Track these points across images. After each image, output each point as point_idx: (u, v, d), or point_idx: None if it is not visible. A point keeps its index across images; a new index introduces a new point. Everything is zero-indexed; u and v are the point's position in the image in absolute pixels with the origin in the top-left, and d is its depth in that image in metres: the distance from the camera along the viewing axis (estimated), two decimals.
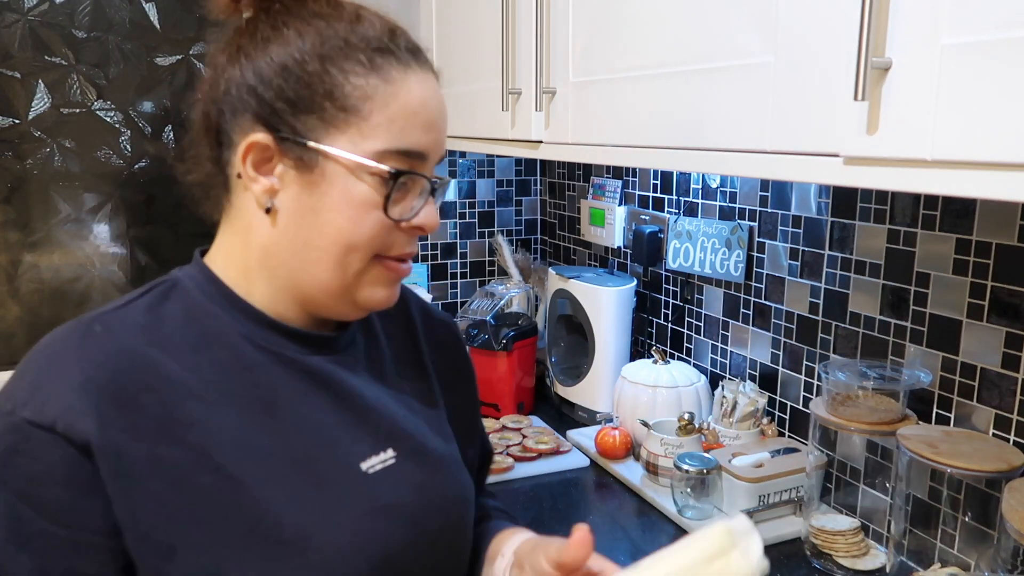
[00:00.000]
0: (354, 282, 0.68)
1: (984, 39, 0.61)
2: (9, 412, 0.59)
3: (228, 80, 0.67)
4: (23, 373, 0.62)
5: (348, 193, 0.65)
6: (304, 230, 0.66)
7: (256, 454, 0.64)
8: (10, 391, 0.61)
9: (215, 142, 0.70)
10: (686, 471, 1.23)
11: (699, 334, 1.60)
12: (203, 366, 0.65)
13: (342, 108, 0.65)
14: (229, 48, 0.69)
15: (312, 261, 0.66)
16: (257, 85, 0.65)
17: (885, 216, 1.16)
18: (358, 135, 0.65)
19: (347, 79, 0.65)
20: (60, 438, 0.58)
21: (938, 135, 0.64)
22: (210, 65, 0.70)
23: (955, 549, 1.07)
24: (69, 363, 0.61)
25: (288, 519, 0.63)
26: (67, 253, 1.88)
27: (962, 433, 1.03)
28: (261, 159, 0.66)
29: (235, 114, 0.67)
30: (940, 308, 1.09)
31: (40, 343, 0.64)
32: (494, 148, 1.46)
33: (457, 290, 2.15)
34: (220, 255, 0.72)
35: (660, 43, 1.01)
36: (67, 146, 1.83)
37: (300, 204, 0.66)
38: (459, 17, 1.59)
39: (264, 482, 0.63)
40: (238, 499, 0.62)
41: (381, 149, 0.65)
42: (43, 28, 1.77)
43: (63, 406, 0.58)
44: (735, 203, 1.46)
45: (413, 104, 0.67)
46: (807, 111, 0.79)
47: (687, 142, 0.98)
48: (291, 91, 0.65)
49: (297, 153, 0.65)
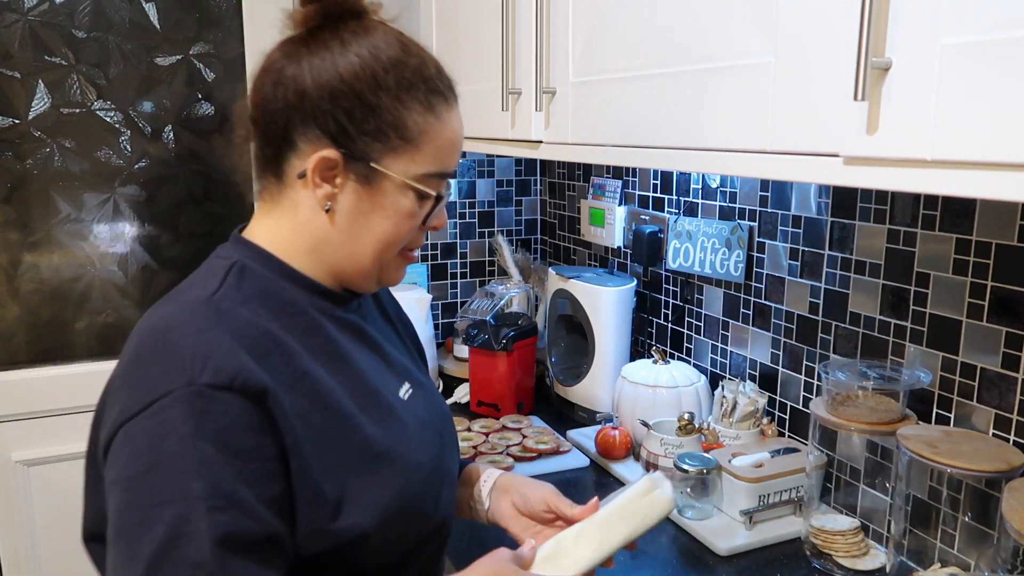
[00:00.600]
0: (382, 268, 0.84)
1: (984, 39, 0.61)
2: (188, 383, 0.68)
3: (297, 92, 0.77)
4: (174, 351, 0.70)
5: (396, 205, 0.80)
6: (356, 230, 0.81)
7: (343, 394, 0.79)
8: (173, 368, 0.69)
9: (275, 141, 0.80)
10: (686, 471, 1.23)
11: (699, 334, 1.60)
12: (290, 329, 0.78)
13: (402, 138, 0.78)
14: (294, 60, 0.78)
15: (358, 253, 0.82)
16: (330, 106, 0.77)
17: (885, 216, 1.16)
18: (411, 161, 0.79)
19: (409, 115, 0.78)
20: (237, 394, 0.69)
21: (938, 135, 0.65)
22: (271, 70, 0.80)
23: (955, 549, 1.07)
24: (221, 335, 0.72)
25: (377, 440, 0.80)
26: (67, 253, 1.88)
27: (962, 433, 1.03)
28: (327, 170, 0.78)
29: (304, 124, 0.77)
30: (940, 308, 1.09)
31: (158, 327, 0.73)
32: (494, 148, 1.46)
33: (457, 290, 2.15)
34: (265, 235, 0.83)
35: (660, 43, 1.01)
36: (67, 146, 1.83)
37: (355, 209, 0.80)
38: (459, 17, 1.59)
39: (356, 415, 0.79)
40: (345, 430, 0.78)
41: (426, 172, 0.80)
42: (43, 28, 1.77)
43: (234, 368, 0.70)
44: (735, 203, 1.46)
45: (452, 137, 0.82)
46: (807, 111, 0.79)
47: (687, 142, 0.97)
48: (361, 116, 0.77)
49: (360, 170, 0.79)
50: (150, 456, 0.68)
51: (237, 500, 0.68)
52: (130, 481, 0.68)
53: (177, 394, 0.68)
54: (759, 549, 1.18)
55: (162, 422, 0.68)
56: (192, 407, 0.68)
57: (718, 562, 1.15)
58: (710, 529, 1.21)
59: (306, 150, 0.78)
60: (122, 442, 0.69)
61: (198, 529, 0.66)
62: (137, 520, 0.67)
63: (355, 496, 0.76)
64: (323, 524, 0.74)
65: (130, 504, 0.68)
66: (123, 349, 0.76)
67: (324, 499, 0.74)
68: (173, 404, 0.68)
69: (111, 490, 0.70)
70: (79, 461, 2.14)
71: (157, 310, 0.77)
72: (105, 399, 0.76)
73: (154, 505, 0.67)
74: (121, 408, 0.70)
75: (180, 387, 0.68)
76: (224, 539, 0.66)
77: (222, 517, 0.67)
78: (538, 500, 0.95)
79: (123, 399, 0.71)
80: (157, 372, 0.70)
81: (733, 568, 1.14)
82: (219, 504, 0.67)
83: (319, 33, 0.79)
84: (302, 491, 0.73)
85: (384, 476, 0.79)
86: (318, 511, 0.74)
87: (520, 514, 0.97)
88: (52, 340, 1.89)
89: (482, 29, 1.46)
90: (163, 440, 0.67)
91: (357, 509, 0.76)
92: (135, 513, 0.67)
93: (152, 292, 1.95)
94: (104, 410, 0.75)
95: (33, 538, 1.86)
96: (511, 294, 1.94)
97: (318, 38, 0.78)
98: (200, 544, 0.65)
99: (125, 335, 2.28)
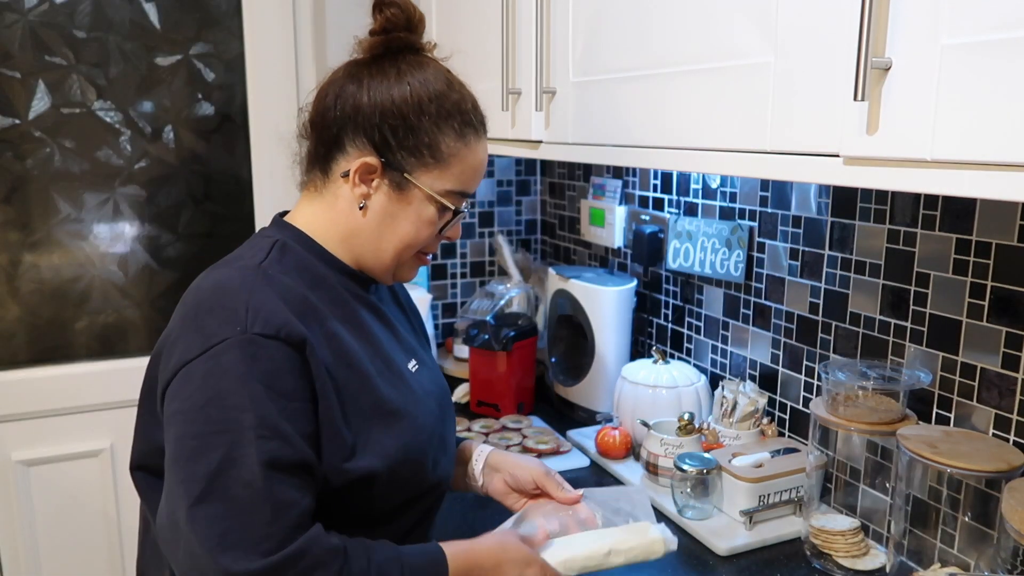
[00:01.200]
0: (399, 264, 0.98)
1: (984, 39, 0.61)
2: (242, 332, 0.81)
3: (354, 106, 0.92)
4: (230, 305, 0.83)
5: (420, 212, 0.94)
6: (383, 228, 0.94)
7: (364, 358, 0.91)
8: (229, 319, 0.82)
9: (328, 142, 0.94)
10: (686, 471, 1.23)
11: (699, 334, 1.60)
12: (322, 299, 0.91)
13: (434, 157, 0.92)
14: (356, 79, 0.93)
15: (382, 248, 0.95)
16: (379, 121, 0.91)
17: (885, 216, 1.16)
18: (438, 177, 0.93)
19: (444, 139, 0.92)
20: (283, 343, 0.82)
21: (938, 135, 0.65)
22: (335, 84, 0.94)
23: (955, 549, 1.07)
24: (269, 294, 0.85)
25: (390, 399, 0.92)
26: (67, 253, 1.88)
27: (962, 433, 1.03)
28: (366, 173, 0.92)
29: (355, 132, 0.92)
30: (940, 308, 1.09)
31: (215, 286, 0.86)
32: (494, 148, 1.46)
33: (457, 290, 2.15)
34: (305, 220, 0.97)
35: (660, 43, 1.01)
36: (67, 146, 1.83)
37: (385, 210, 0.94)
38: (460, 17, 1.59)
39: (374, 376, 0.92)
40: (363, 387, 0.90)
41: (450, 189, 0.94)
42: (43, 28, 1.77)
43: (280, 321, 0.83)
44: (735, 203, 1.46)
45: (476, 163, 0.96)
46: (807, 111, 0.79)
47: (687, 142, 0.98)
48: (403, 134, 0.91)
49: (395, 178, 0.93)
50: (207, 392, 0.80)
51: (280, 432, 0.80)
52: (188, 413, 0.80)
53: (232, 341, 0.81)
54: (759, 549, 1.18)
55: (219, 364, 0.80)
56: (244, 352, 0.80)
57: (718, 562, 1.15)
58: (710, 529, 1.21)
59: (352, 154, 0.92)
60: (182, 380, 0.82)
61: (248, 453, 0.77)
62: (194, 446, 0.78)
63: (368, 443, 0.89)
64: (339, 463, 0.86)
65: (188, 433, 0.79)
66: (178, 305, 0.89)
67: (343, 442, 0.86)
68: (228, 349, 0.80)
69: (171, 421, 0.82)
70: (79, 461, 2.15)
71: (212, 273, 0.89)
72: (162, 347, 0.88)
73: (210, 433, 0.78)
74: (182, 351, 0.82)
75: (235, 335, 0.81)
76: (270, 463, 0.78)
77: (268, 445, 0.78)
78: (527, 481, 1.06)
79: (183, 344, 0.83)
80: (215, 322, 0.82)
81: (733, 568, 1.14)
82: (265, 434, 0.79)
83: (381, 60, 0.93)
84: (326, 432, 0.85)
85: (394, 429, 0.92)
86: (337, 451, 0.86)
87: (512, 490, 1.08)
88: (52, 340, 1.89)
89: (483, 29, 1.46)
90: (219, 379, 0.80)
91: (369, 454, 0.88)
92: (193, 440, 0.79)
93: (152, 292, 1.95)
94: (161, 356, 0.87)
95: (33, 538, 1.86)
96: (511, 294, 1.94)
97: (380, 64, 0.93)
98: (251, 466, 0.77)
99: (125, 335, 2.29)
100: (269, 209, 2.00)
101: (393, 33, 0.94)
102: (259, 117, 1.96)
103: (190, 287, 0.90)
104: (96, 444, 1.90)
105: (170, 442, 0.81)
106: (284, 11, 1.92)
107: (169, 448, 0.81)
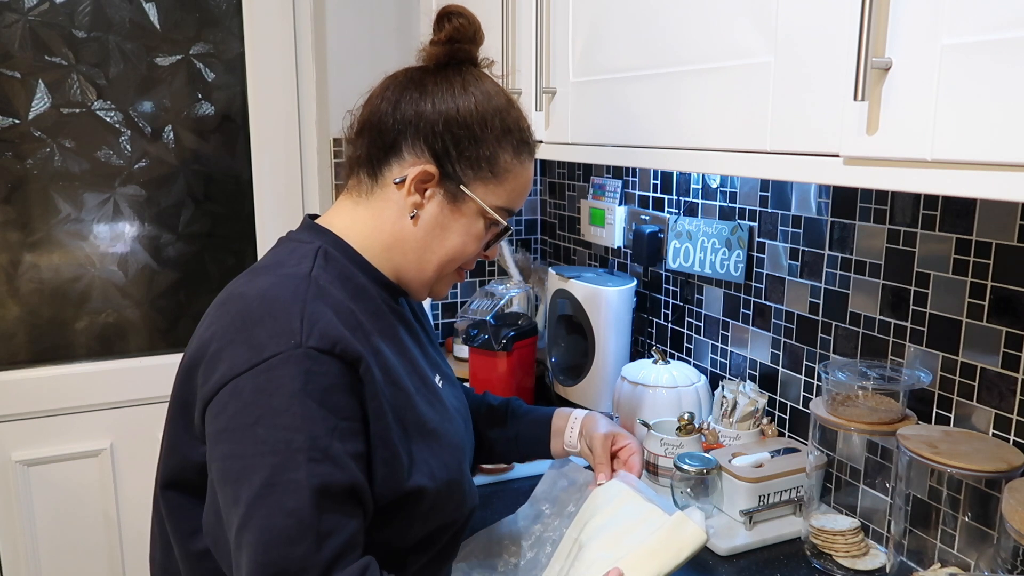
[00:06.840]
0: (439, 278, 0.96)
1: (984, 39, 0.61)
2: (297, 345, 0.76)
3: (416, 112, 0.90)
4: (283, 317, 0.78)
5: (470, 226, 0.93)
6: (431, 239, 0.92)
7: (404, 373, 0.89)
8: (283, 332, 0.77)
9: (383, 146, 0.91)
10: (686, 471, 1.23)
11: (699, 334, 1.60)
12: (366, 312, 0.88)
13: (491, 171, 0.92)
14: (419, 85, 0.91)
15: (426, 260, 0.93)
16: (442, 129, 0.89)
17: (885, 216, 1.16)
18: (492, 192, 0.93)
19: (503, 154, 0.92)
20: (337, 358, 0.78)
21: (938, 135, 0.65)
22: (393, 88, 0.92)
23: (955, 549, 1.07)
24: (323, 308, 0.80)
25: (430, 418, 0.91)
26: (67, 253, 1.88)
27: (962, 433, 1.03)
28: (423, 182, 0.90)
29: (415, 138, 0.90)
30: (940, 308, 1.09)
31: (264, 296, 0.80)
32: None
33: (457, 290, 2.15)
34: (344, 224, 0.93)
35: (660, 43, 1.01)
36: (67, 146, 1.83)
37: (436, 220, 0.92)
38: None
39: (413, 393, 0.89)
40: (407, 404, 0.88)
41: (500, 205, 0.94)
42: (43, 28, 1.77)
43: (336, 336, 0.79)
44: (735, 203, 1.46)
45: (526, 183, 0.96)
46: (807, 111, 0.79)
47: (687, 142, 0.98)
48: (465, 145, 0.90)
49: (450, 189, 0.91)
50: (257, 410, 0.75)
51: (332, 454, 0.76)
52: (236, 432, 0.76)
53: (286, 355, 0.76)
54: (759, 549, 1.18)
55: (271, 379, 0.75)
56: (300, 366, 0.76)
57: (718, 562, 1.15)
58: (710, 529, 1.21)
59: (409, 160, 0.90)
60: (229, 396, 0.77)
61: (298, 477, 0.73)
62: (240, 467, 0.75)
63: (413, 464, 0.86)
64: (399, 484, 0.84)
65: (235, 453, 0.75)
66: (215, 313, 0.83)
67: (399, 461, 0.84)
68: (283, 363, 0.76)
69: (217, 439, 0.77)
70: (79, 461, 2.15)
71: (255, 281, 0.84)
72: (198, 358, 0.82)
73: (258, 454, 0.74)
74: (228, 365, 0.77)
75: (289, 348, 0.76)
76: (320, 489, 0.74)
77: (320, 468, 0.74)
78: (599, 453, 1.08)
79: (229, 357, 0.78)
80: (266, 334, 0.77)
81: (733, 568, 1.14)
82: (316, 456, 0.75)
83: (444, 70, 0.92)
84: (380, 452, 0.82)
85: (435, 449, 0.90)
86: (395, 470, 0.83)
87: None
88: (52, 340, 1.89)
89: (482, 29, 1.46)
90: (271, 396, 0.75)
91: (417, 474, 0.86)
92: (239, 461, 0.75)
93: (152, 292, 1.94)
94: (199, 368, 0.82)
95: (33, 538, 1.86)
96: (511, 294, 1.94)
97: (444, 73, 0.92)
98: (299, 491, 0.73)
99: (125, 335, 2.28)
100: (269, 209, 2.00)
101: (458, 44, 0.93)
102: (259, 117, 1.96)
103: (229, 294, 0.85)
104: (96, 444, 1.90)
105: (215, 460, 0.78)
106: (284, 11, 1.92)
107: (215, 467, 0.78)
